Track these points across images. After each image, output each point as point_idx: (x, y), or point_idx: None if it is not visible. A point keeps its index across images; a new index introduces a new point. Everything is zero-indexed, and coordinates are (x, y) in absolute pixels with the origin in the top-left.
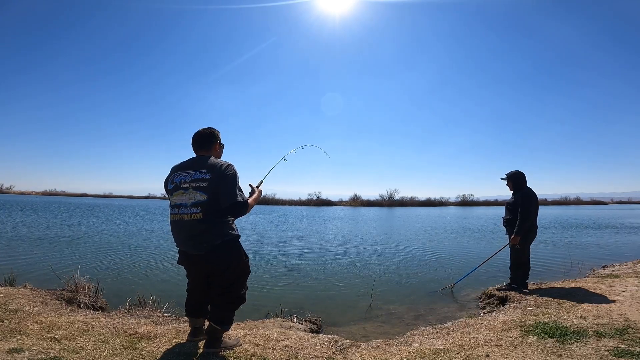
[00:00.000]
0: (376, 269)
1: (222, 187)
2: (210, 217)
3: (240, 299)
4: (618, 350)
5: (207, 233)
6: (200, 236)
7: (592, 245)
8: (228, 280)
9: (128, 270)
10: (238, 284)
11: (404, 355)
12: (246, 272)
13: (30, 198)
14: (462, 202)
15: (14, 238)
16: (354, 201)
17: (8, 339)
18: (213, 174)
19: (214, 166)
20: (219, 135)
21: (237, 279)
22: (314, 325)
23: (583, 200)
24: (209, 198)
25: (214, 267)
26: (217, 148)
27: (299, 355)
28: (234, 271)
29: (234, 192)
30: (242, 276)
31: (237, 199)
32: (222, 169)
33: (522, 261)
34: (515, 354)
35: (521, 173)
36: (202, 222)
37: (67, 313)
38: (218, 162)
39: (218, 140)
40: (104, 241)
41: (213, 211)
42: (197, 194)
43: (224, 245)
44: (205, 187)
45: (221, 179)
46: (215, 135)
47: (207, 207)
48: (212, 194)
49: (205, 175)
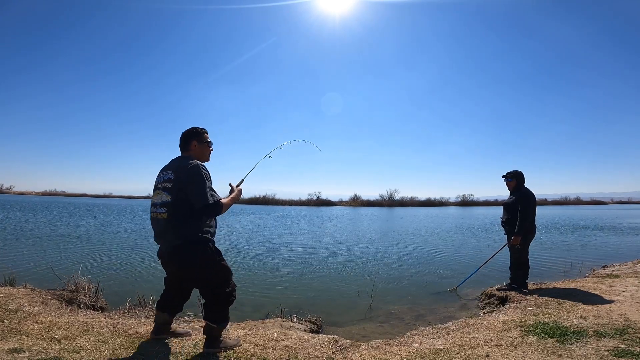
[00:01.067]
0: (376, 269)
1: (190, 189)
2: (173, 217)
3: (224, 296)
4: (618, 350)
5: (170, 233)
6: (165, 235)
7: (592, 245)
8: (197, 280)
9: (128, 270)
10: (214, 283)
11: (404, 355)
12: (219, 272)
13: (30, 198)
14: (462, 202)
15: (14, 238)
16: (354, 201)
17: (8, 339)
18: (177, 175)
19: (178, 167)
20: (201, 133)
21: (209, 279)
22: (314, 325)
23: (583, 200)
24: (172, 199)
25: (177, 266)
26: (193, 147)
27: (299, 355)
28: (200, 272)
29: (203, 194)
30: (215, 276)
31: (208, 200)
32: (186, 170)
33: (522, 261)
34: (516, 354)
35: (522, 173)
36: (167, 222)
37: (67, 313)
38: (184, 162)
39: (194, 139)
40: (104, 241)
41: (177, 212)
42: (164, 194)
43: (185, 246)
44: (170, 188)
45: (187, 180)
46: (192, 133)
47: (171, 207)
48: (175, 194)
49: (170, 176)
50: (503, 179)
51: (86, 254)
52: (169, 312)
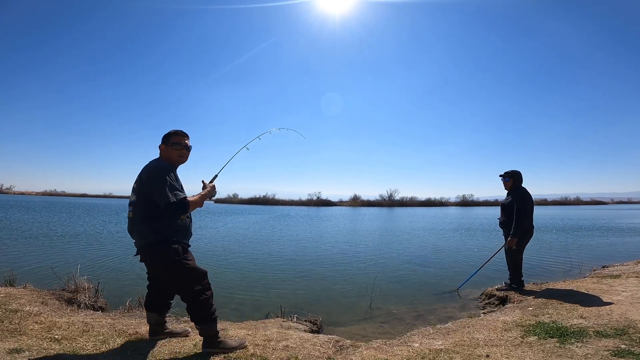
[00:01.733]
0: (376, 269)
1: (152, 190)
2: (136, 218)
3: (197, 296)
4: (618, 351)
5: (135, 233)
6: (132, 235)
7: (592, 245)
8: (166, 280)
9: (128, 270)
10: (181, 283)
11: (404, 356)
12: (182, 272)
13: (30, 198)
14: (462, 202)
15: (14, 238)
16: (354, 201)
17: (8, 339)
18: (140, 176)
19: (143, 169)
20: (168, 135)
21: (175, 280)
22: (314, 326)
23: (583, 200)
24: (136, 199)
25: (148, 266)
26: (160, 150)
27: (299, 355)
28: (166, 273)
29: (164, 194)
30: (179, 276)
31: (170, 199)
32: (146, 172)
33: (516, 263)
34: (516, 354)
35: (521, 173)
36: (133, 221)
37: (67, 313)
38: (149, 164)
39: (163, 141)
40: (103, 241)
41: (139, 212)
42: (132, 195)
43: (147, 247)
44: (135, 189)
45: (147, 181)
46: (163, 136)
47: (134, 208)
48: (138, 195)
49: (137, 177)
50: (500, 178)
51: (86, 254)
52: (156, 311)
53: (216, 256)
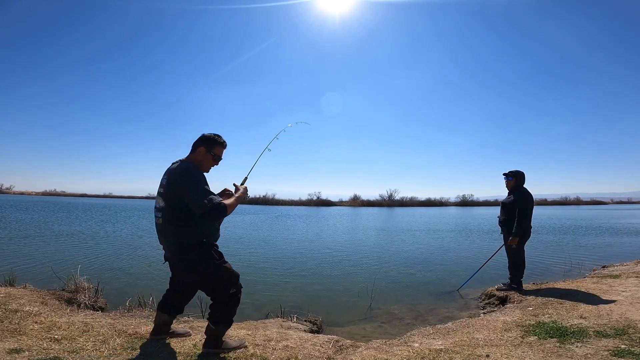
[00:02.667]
0: (376, 269)
1: (186, 195)
2: (166, 223)
3: (226, 298)
4: (618, 350)
5: (166, 238)
6: (162, 240)
7: (592, 245)
8: (201, 284)
9: (128, 270)
10: (216, 286)
11: (404, 356)
12: (221, 274)
13: (30, 198)
14: (462, 202)
15: (13, 238)
16: (354, 201)
17: (8, 339)
18: (169, 179)
19: (171, 172)
20: (212, 142)
21: (210, 283)
22: (314, 326)
23: (583, 200)
24: (165, 204)
25: (177, 271)
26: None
27: (299, 355)
28: (200, 275)
29: (200, 199)
30: (217, 279)
31: (206, 207)
32: (177, 175)
33: (517, 262)
34: (516, 354)
35: (524, 173)
36: (162, 227)
37: (67, 313)
38: (177, 167)
39: (204, 145)
40: (103, 241)
41: (169, 217)
42: (160, 199)
43: (180, 252)
44: (163, 193)
45: (179, 185)
46: (204, 139)
47: (164, 213)
48: (167, 199)
49: (164, 181)
50: (503, 177)
51: (86, 254)
52: (169, 313)
53: None
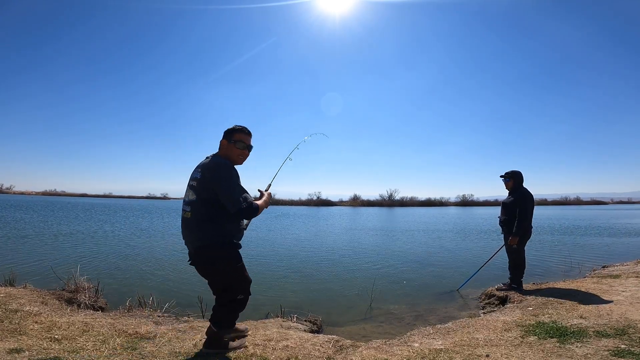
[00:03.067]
0: (376, 269)
1: (220, 191)
2: (196, 217)
3: (234, 303)
4: (618, 350)
5: (193, 233)
6: (188, 235)
7: (592, 245)
8: (216, 282)
9: (128, 270)
10: (228, 287)
11: (404, 355)
12: (236, 277)
13: (30, 198)
14: (462, 202)
15: (14, 238)
16: (354, 201)
17: (8, 339)
18: (202, 174)
19: (204, 165)
20: (231, 132)
21: (223, 283)
22: (314, 325)
23: (583, 200)
24: (197, 198)
25: (199, 268)
26: (221, 146)
27: (299, 355)
28: (218, 273)
29: (235, 196)
30: (232, 281)
31: (241, 204)
32: (210, 170)
33: (517, 262)
34: (516, 354)
35: (521, 173)
36: (190, 222)
37: (67, 313)
38: (210, 161)
39: (224, 137)
40: (103, 241)
41: (200, 212)
42: (190, 192)
43: (205, 248)
44: (195, 187)
45: (212, 180)
46: (225, 132)
47: (194, 207)
48: (199, 194)
49: (197, 175)
50: (501, 179)
51: (86, 253)
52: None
53: None
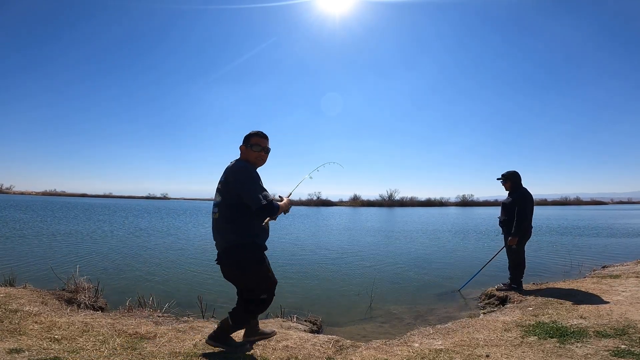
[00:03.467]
0: (376, 269)
1: (242, 192)
2: (222, 219)
3: (255, 302)
4: (618, 351)
5: (219, 234)
6: (216, 236)
7: (592, 245)
8: (240, 283)
9: (128, 270)
10: (253, 287)
11: (404, 356)
12: (261, 278)
13: (30, 198)
14: (462, 202)
15: (14, 238)
16: (354, 201)
17: (8, 339)
18: (225, 176)
19: (228, 170)
20: (248, 137)
21: (247, 283)
22: (314, 325)
23: (583, 201)
24: (222, 200)
25: (224, 268)
26: (241, 150)
27: (299, 355)
28: (244, 274)
29: (255, 196)
30: (257, 281)
31: (261, 202)
32: (234, 173)
33: (517, 262)
34: (516, 354)
35: (517, 173)
36: (218, 223)
37: (67, 313)
38: (233, 165)
39: (243, 142)
40: (103, 241)
41: (225, 213)
42: (217, 195)
43: (230, 249)
44: (220, 189)
45: (234, 182)
46: (244, 137)
47: (220, 209)
48: (223, 196)
49: (222, 178)
50: (499, 181)
51: (86, 253)
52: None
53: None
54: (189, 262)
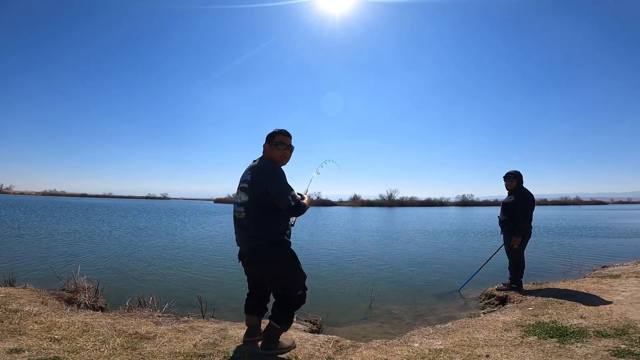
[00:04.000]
0: (376, 269)
1: (270, 191)
2: (250, 218)
3: (294, 299)
4: (618, 350)
5: (248, 233)
6: (243, 235)
7: (592, 245)
8: (276, 281)
9: (128, 270)
10: (289, 285)
11: (404, 356)
12: (293, 275)
13: (30, 198)
14: (462, 202)
15: (14, 238)
16: (354, 201)
17: (8, 339)
18: (252, 175)
19: (252, 167)
20: (271, 135)
21: (285, 281)
22: (314, 325)
23: (583, 200)
24: (249, 199)
25: (255, 268)
26: (264, 149)
27: (299, 355)
28: (276, 274)
29: (286, 195)
30: (290, 279)
31: (291, 202)
32: (261, 172)
33: (518, 261)
34: (515, 354)
35: (521, 173)
36: (245, 222)
37: (67, 313)
38: (258, 165)
39: (266, 141)
40: (103, 241)
41: (253, 212)
42: (242, 194)
43: (263, 247)
44: (246, 188)
45: (262, 180)
46: (267, 136)
47: (248, 207)
48: (252, 195)
49: (247, 177)
50: (504, 180)
51: (86, 253)
52: (258, 314)
53: (215, 255)
54: (189, 262)
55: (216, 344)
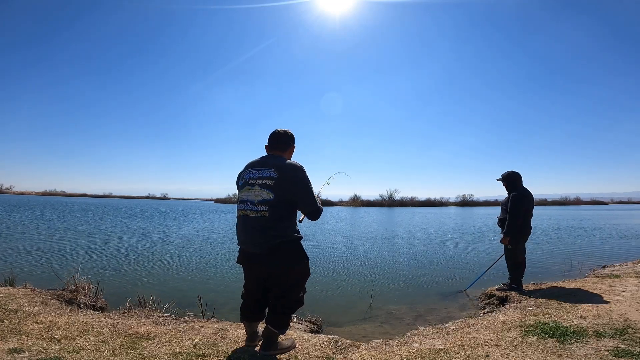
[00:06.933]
0: (376, 269)
1: (300, 192)
2: (274, 216)
3: (298, 302)
4: (618, 351)
5: (269, 232)
6: (262, 235)
7: (592, 245)
8: (286, 282)
9: (128, 270)
10: (297, 286)
11: (404, 356)
12: (305, 274)
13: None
14: (462, 202)
15: (13, 238)
16: (354, 201)
17: (8, 339)
18: (281, 174)
19: (281, 166)
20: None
21: (295, 282)
22: (314, 325)
23: (583, 200)
24: (275, 197)
25: (272, 268)
26: (290, 150)
27: (298, 355)
28: (292, 273)
29: (313, 199)
30: (301, 279)
31: (317, 205)
32: (293, 171)
33: (517, 261)
34: (515, 354)
35: (514, 173)
36: (267, 221)
37: (67, 313)
38: (288, 163)
39: (293, 143)
40: (103, 241)
41: (278, 211)
42: (264, 191)
43: (283, 246)
44: (272, 186)
45: (295, 181)
46: (292, 137)
47: (272, 206)
48: (277, 193)
49: (272, 174)
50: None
51: (86, 253)
52: (259, 320)
53: (215, 255)
54: (189, 262)
55: (216, 344)
